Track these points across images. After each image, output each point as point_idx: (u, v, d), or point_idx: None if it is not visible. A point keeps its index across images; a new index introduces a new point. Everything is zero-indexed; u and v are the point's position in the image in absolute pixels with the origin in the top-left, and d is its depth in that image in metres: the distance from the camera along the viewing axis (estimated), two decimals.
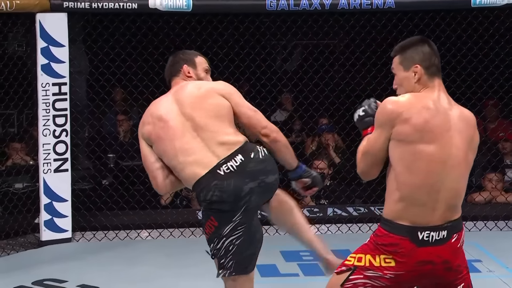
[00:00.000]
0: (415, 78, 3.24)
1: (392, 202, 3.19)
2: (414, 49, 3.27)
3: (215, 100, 3.66)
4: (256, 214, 3.59)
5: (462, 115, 3.26)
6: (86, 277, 5.58)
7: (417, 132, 3.13)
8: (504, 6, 6.52)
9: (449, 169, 3.18)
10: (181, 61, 3.87)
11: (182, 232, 6.74)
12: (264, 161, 3.58)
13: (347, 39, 8.01)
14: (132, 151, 7.36)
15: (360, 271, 3.22)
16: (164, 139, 3.63)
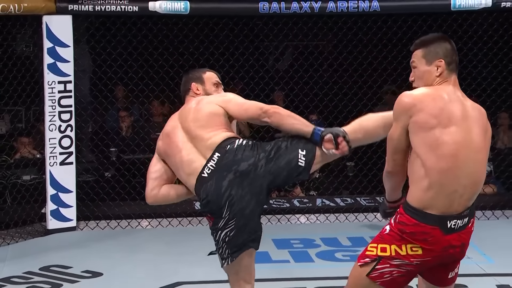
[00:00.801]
0: (437, 72, 3.19)
1: (420, 190, 3.09)
2: (438, 45, 3.22)
3: (209, 110, 3.62)
4: (246, 205, 3.47)
5: (475, 106, 3.22)
6: (90, 264, 5.58)
7: (433, 118, 3.07)
8: (481, 9, 6.54)
9: (473, 154, 3.13)
10: (190, 79, 3.85)
11: (180, 222, 6.75)
12: (235, 150, 3.49)
13: (335, 40, 8.02)
14: (133, 145, 7.37)
15: (385, 260, 3.13)
16: (170, 155, 3.65)
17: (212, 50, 7.11)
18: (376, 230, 6.41)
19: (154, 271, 5.40)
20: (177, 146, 3.60)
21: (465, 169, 3.10)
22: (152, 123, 7.95)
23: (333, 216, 6.89)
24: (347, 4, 6.49)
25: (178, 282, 5.19)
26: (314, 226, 6.69)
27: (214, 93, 3.80)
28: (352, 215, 6.91)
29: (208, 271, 5.32)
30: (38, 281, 5.24)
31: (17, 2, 5.99)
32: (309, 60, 7.51)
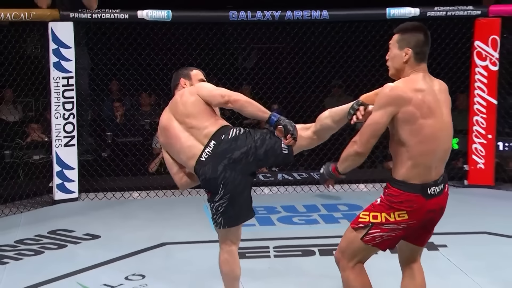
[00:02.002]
0: (404, 58, 3.09)
1: (405, 168, 3.06)
2: (412, 34, 3.10)
3: (192, 102, 3.57)
4: (238, 184, 3.49)
5: (441, 87, 3.16)
6: (90, 228, 5.61)
7: (418, 110, 3.00)
8: (411, 18, 6.63)
9: (446, 133, 3.13)
10: (179, 75, 3.80)
11: (165, 193, 6.77)
12: (231, 140, 3.48)
13: (292, 43, 8.06)
14: (125, 130, 7.36)
15: (377, 226, 3.11)
16: (171, 144, 3.63)
17: (191, 51, 7.12)
18: (327, 199, 6.60)
19: (143, 234, 5.42)
20: (175, 136, 3.58)
21: (442, 147, 3.12)
22: (141, 112, 7.96)
23: (291, 187, 6.94)
24: (302, 13, 6.55)
25: (164, 243, 5.22)
26: (275, 196, 6.76)
27: None
28: (306, 187, 6.98)
29: (188, 234, 5.40)
30: (46, 243, 5.27)
31: (27, 11, 5.99)
32: (271, 60, 7.55)
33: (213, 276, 3.84)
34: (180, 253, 5.02)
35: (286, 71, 7.77)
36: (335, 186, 6.77)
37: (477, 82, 6.76)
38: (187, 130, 3.56)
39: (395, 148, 3.11)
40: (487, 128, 6.81)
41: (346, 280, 3.23)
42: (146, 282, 4.41)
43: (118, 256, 4.91)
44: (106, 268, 4.70)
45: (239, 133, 3.53)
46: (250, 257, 4.82)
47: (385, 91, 3.05)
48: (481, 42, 6.68)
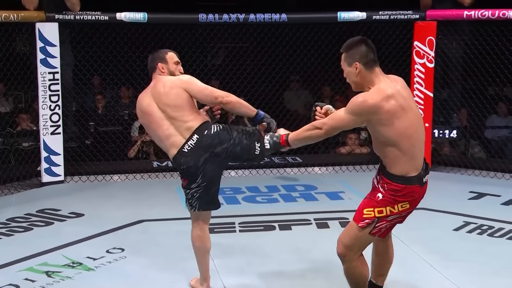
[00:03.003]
0: (356, 72, 3.01)
1: (400, 164, 3.00)
2: (355, 50, 3.02)
3: (176, 94, 3.47)
4: (214, 175, 3.49)
5: (402, 85, 3.09)
6: (75, 207, 5.55)
7: (392, 114, 2.93)
8: (359, 20, 6.67)
9: (420, 125, 3.07)
10: (156, 59, 3.64)
11: (142, 176, 6.71)
12: (213, 135, 3.44)
13: (255, 43, 8.05)
14: (106, 120, 7.31)
15: (383, 219, 3.06)
16: (152, 129, 3.55)
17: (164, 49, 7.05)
18: (286, 180, 6.62)
19: (123, 212, 5.39)
20: (157, 123, 3.49)
21: (421, 137, 3.08)
22: (120, 103, 7.89)
23: (255, 170, 6.94)
24: (263, 16, 6.54)
25: (141, 220, 5.19)
26: (240, 178, 6.75)
27: (176, 71, 3.63)
28: (268, 169, 6.98)
29: (163, 212, 5.38)
30: (35, 220, 5.20)
31: (16, 12, 5.88)
32: (237, 57, 7.52)
33: (186, 249, 3.83)
34: (156, 229, 5.00)
35: (250, 67, 7.74)
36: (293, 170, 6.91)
37: (416, 77, 6.82)
38: (167, 119, 3.48)
39: (382, 148, 3.05)
40: (425, 117, 6.86)
41: (353, 269, 3.19)
42: (125, 254, 4.39)
43: (100, 232, 4.87)
44: (89, 243, 4.66)
45: (220, 130, 3.48)
46: (218, 232, 4.82)
47: (358, 100, 2.96)
48: (419, 43, 6.74)
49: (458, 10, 6.56)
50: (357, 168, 7.05)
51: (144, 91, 3.62)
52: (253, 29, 7.28)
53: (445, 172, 6.89)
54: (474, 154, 7.30)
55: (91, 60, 6.77)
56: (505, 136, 7.40)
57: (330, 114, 3.29)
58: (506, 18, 6.23)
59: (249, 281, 3.92)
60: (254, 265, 4.11)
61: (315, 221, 5.16)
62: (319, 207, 5.56)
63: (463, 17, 6.53)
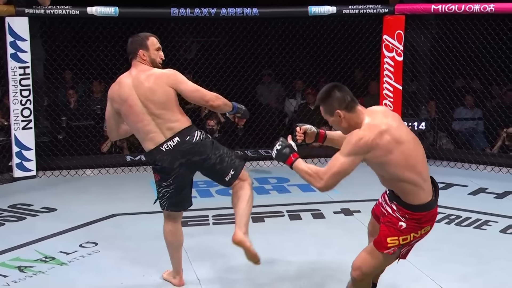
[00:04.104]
0: (341, 119, 2.88)
1: (415, 195, 2.90)
2: (330, 99, 2.89)
3: (162, 92, 3.34)
4: (186, 178, 3.45)
5: (389, 114, 2.97)
6: (47, 202, 5.49)
7: (388, 149, 2.82)
8: (329, 14, 6.70)
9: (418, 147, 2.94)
10: (137, 45, 3.43)
11: (115, 170, 6.68)
12: (194, 144, 3.36)
13: (226, 37, 8.03)
14: (78, 115, 7.24)
15: (407, 244, 2.99)
16: (130, 120, 3.42)
17: None
18: (259, 173, 6.63)
19: (96, 206, 5.35)
20: (137, 116, 3.36)
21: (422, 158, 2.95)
22: (93, 98, 7.80)
23: None
24: (235, 10, 6.52)
25: (114, 214, 5.16)
26: None
27: (157, 57, 3.46)
28: None
29: (136, 206, 5.34)
30: (7, 216, 5.13)
31: None
32: (209, 51, 7.50)
33: (159, 243, 3.81)
34: (129, 222, 4.97)
35: (221, 61, 7.72)
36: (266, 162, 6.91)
37: (385, 70, 6.89)
38: (149, 115, 3.36)
39: (391, 185, 2.97)
40: (394, 110, 6.90)
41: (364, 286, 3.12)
42: (98, 248, 4.36)
43: (73, 226, 4.83)
44: (62, 237, 4.62)
45: (203, 139, 3.40)
46: (192, 225, 4.81)
47: (353, 140, 2.83)
48: (388, 36, 6.79)
49: (426, 4, 6.62)
50: (329, 160, 7.06)
51: (124, 77, 3.44)
52: (225, 23, 7.27)
53: None
54: (442, 145, 7.39)
55: (62, 55, 6.68)
56: (472, 128, 7.51)
57: (309, 134, 3.25)
58: (472, 12, 6.32)
59: (222, 273, 3.92)
60: (227, 257, 4.10)
61: (288, 213, 5.18)
62: (291, 199, 5.59)
63: (430, 11, 6.61)
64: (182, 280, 3.74)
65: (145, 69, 3.42)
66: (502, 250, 4.30)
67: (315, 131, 3.28)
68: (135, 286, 3.77)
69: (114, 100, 3.45)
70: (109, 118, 3.55)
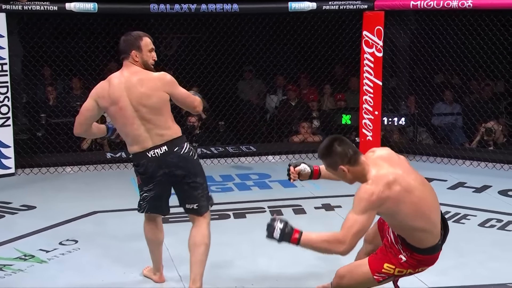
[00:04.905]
0: (346, 174, 2.82)
1: (423, 240, 2.87)
2: (332, 155, 2.82)
3: (157, 97, 3.27)
4: (166, 187, 3.41)
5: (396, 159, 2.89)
6: (26, 200, 5.43)
7: (398, 200, 2.76)
8: (310, 10, 6.70)
9: (427, 192, 2.89)
10: (130, 46, 3.33)
11: (95, 167, 6.62)
12: (180, 157, 3.30)
13: (207, 33, 8.00)
14: (57, 112, 7.16)
15: (399, 275, 2.97)
16: (119, 122, 3.35)
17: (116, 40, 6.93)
18: (240, 169, 6.62)
19: (76, 204, 5.30)
20: (127, 119, 3.28)
21: (434, 202, 2.92)
22: (72, 95, 7.72)
23: (209, 160, 6.94)
24: (215, 6, 6.50)
25: (95, 211, 5.12)
26: None
27: (149, 59, 3.36)
28: (223, 159, 6.98)
29: (117, 203, 5.30)
30: None
31: None
32: (189, 47, 7.46)
33: (139, 240, 3.79)
34: (109, 219, 4.94)
35: (202, 57, 7.69)
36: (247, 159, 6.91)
37: (365, 66, 6.91)
38: (140, 119, 3.28)
39: (402, 231, 2.91)
40: (374, 105, 6.98)
41: None
42: (79, 246, 4.32)
43: (52, 224, 4.78)
44: (42, 235, 4.57)
45: (190, 155, 3.34)
46: (173, 222, 4.77)
47: (365, 196, 2.75)
48: (368, 32, 6.81)
49: (405, 0, 6.65)
50: (310, 156, 7.09)
51: (115, 77, 3.35)
52: (205, 19, 7.24)
53: None
54: (422, 140, 7.45)
55: (40, 51, 6.60)
56: (451, 123, 7.57)
57: (304, 174, 3.21)
58: (450, 7, 6.36)
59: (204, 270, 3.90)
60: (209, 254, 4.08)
61: (269, 208, 5.18)
62: (273, 195, 5.59)
63: (409, 7, 6.64)
64: (162, 276, 3.73)
65: (138, 71, 3.32)
66: (480, 243, 4.34)
67: (309, 171, 3.23)
68: (115, 283, 3.74)
69: (102, 98, 3.34)
70: (87, 112, 3.39)
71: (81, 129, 3.45)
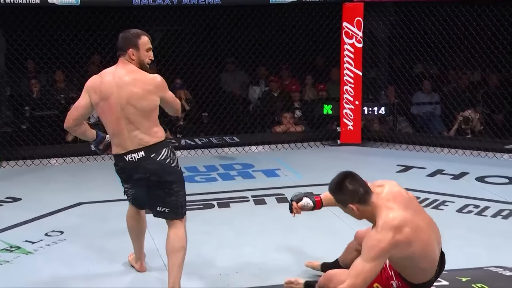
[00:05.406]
0: (354, 211, 2.78)
1: (420, 275, 2.85)
2: (343, 192, 2.77)
3: (147, 101, 3.18)
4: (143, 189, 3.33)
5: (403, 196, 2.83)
6: (11, 192, 5.38)
7: (409, 243, 2.72)
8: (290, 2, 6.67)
9: (434, 228, 2.89)
10: (127, 43, 3.23)
11: (80, 159, 6.57)
12: (157, 163, 3.22)
13: (189, 26, 7.95)
14: (41, 104, 7.09)
15: None
16: (105, 119, 3.27)
17: (99, 32, 6.90)
18: (224, 159, 6.62)
19: (61, 195, 5.27)
20: (114, 116, 3.20)
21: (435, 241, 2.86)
22: (56, 87, 7.65)
23: (193, 151, 6.92)
24: None
25: (80, 202, 5.09)
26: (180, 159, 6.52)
27: (146, 58, 3.26)
28: (206, 150, 6.96)
29: (102, 194, 5.28)
30: None
31: None
32: (172, 40, 7.41)
33: (124, 230, 3.76)
34: (94, 210, 4.92)
35: (185, 49, 7.65)
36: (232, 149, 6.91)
37: (346, 57, 6.92)
38: (125, 119, 3.20)
39: (404, 268, 2.89)
40: (355, 96, 7.01)
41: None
42: (64, 237, 4.30)
43: (38, 215, 4.75)
44: (27, 227, 4.54)
45: (167, 162, 3.25)
46: None
47: (375, 244, 2.70)
48: (348, 23, 6.82)
49: None
50: (292, 146, 7.11)
51: (108, 73, 3.26)
52: (188, 11, 7.20)
53: (375, 147, 7.06)
54: (401, 129, 7.49)
55: (23, 44, 6.53)
56: (429, 112, 7.62)
57: (306, 209, 3.17)
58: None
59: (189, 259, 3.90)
60: (194, 243, 4.06)
61: (253, 198, 5.19)
62: (256, 185, 5.59)
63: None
64: (143, 266, 3.71)
65: (132, 71, 3.24)
66: (458, 229, 4.38)
67: (312, 205, 3.20)
68: (101, 273, 3.73)
69: (94, 92, 3.26)
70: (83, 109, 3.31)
71: (72, 123, 3.36)
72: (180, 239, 3.33)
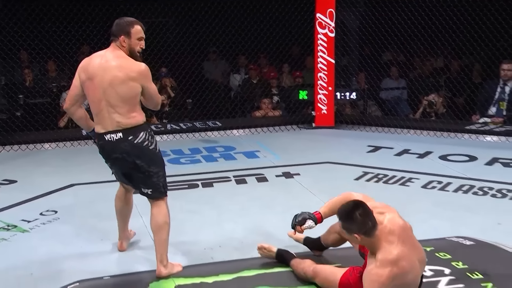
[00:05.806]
0: (357, 239, 2.70)
1: None
2: (351, 222, 2.68)
3: (127, 86, 3.09)
4: (121, 167, 3.25)
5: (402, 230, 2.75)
6: (7, 175, 5.32)
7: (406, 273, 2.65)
8: None
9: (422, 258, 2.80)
10: (120, 30, 3.13)
11: (72, 144, 6.51)
12: (133, 146, 3.13)
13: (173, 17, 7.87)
14: (34, 92, 6.99)
15: None
16: (89, 97, 3.19)
17: (88, 24, 6.80)
18: (207, 142, 6.60)
19: (54, 177, 5.22)
20: (96, 97, 3.13)
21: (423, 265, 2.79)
22: (48, 76, 7.54)
23: (178, 135, 6.88)
24: None
25: (72, 184, 5.05)
26: (165, 143, 6.67)
27: (137, 46, 3.16)
28: (191, 134, 6.94)
29: (93, 176, 5.22)
30: None
31: None
32: (157, 31, 7.33)
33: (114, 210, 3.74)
34: (86, 191, 4.87)
35: (169, 40, 7.57)
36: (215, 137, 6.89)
37: (319, 46, 6.91)
38: (105, 101, 3.13)
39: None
40: (328, 82, 7.02)
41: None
42: (58, 216, 4.26)
43: (33, 196, 4.70)
44: (23, 207, 4.49)
45: (145, 145, 3.16)
46: None
47: (375, 279, 2.64)
48: (321, 14, 6.81)
49: None
50: (271, 130, 7.12)
51: (97, 56, 3.19)
52: (171, 3, 7.12)
53: (347, 129, 7.09)
54: (371, 112, 7.53)
55: (16, 36, 6.40)
56: (397, 96, 7.66)
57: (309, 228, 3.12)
58: None
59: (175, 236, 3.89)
60: (179, 221, 4.07)
61: (234, 178, 5.18)
62: (237, 166, 5.59)
63: None
64: (123, 245, 3.66)
65: (120, 56, 3.13)
66: (423, 203, 4.43)
67: (314, 226, 3.13)
68: (94, 250, 3.71)
69: (82, 71, 3.20)
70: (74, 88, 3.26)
71: (70, 103, 3.29)
72: (164, 215, 3.29)
